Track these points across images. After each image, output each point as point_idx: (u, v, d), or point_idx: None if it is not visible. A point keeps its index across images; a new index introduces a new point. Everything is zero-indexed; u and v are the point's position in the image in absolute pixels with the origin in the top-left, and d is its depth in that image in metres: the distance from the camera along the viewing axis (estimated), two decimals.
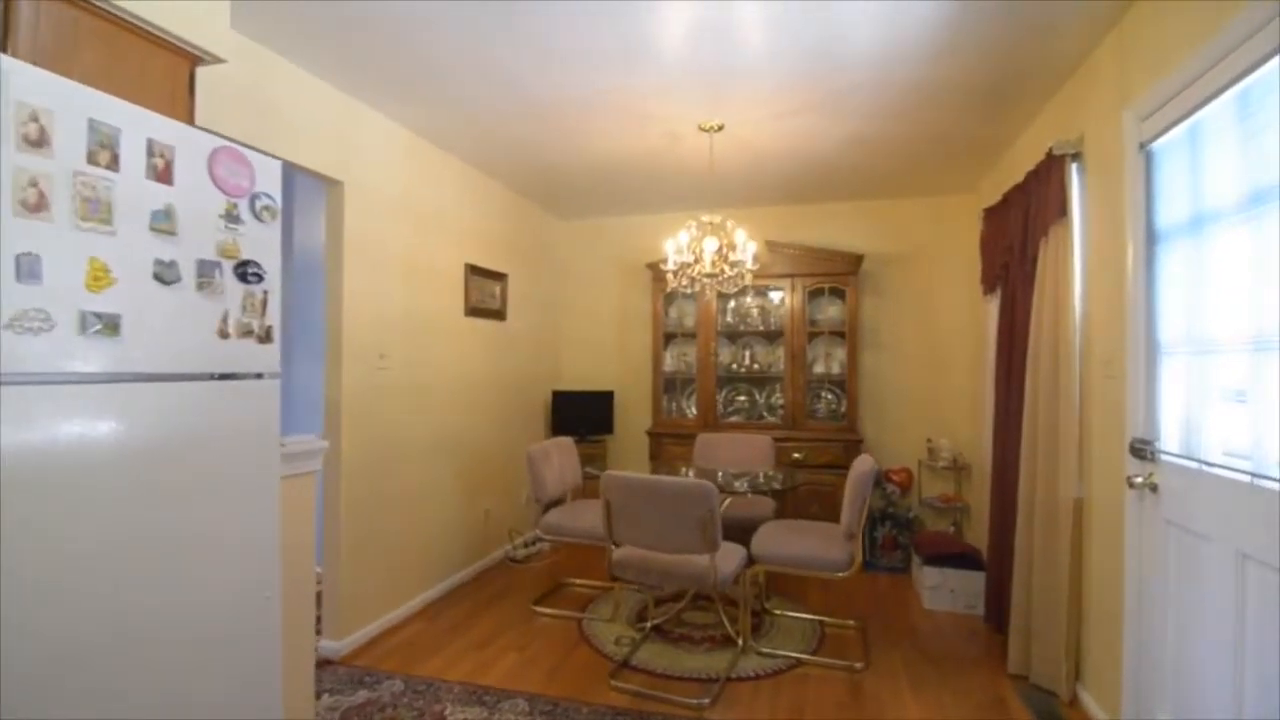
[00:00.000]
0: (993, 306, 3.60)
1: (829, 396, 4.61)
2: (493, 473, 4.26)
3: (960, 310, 4.57)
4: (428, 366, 3.59)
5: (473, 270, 3.97)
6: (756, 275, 3.67)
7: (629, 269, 5.23)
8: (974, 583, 3.50)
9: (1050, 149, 2.67)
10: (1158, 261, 2.06)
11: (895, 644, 3.10)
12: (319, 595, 3.22)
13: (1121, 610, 2.21)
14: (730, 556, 2.71)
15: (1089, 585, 2.52)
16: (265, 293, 1.53)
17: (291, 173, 3.79)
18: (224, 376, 1.47)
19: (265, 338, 1.54)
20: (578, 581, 3.90)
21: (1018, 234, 3.10)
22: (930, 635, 3.22)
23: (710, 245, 3.18)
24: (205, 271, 1.40)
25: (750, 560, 2.92)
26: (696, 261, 3.23)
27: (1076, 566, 2.57)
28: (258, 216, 1.51)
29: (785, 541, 2.95)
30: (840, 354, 4.55)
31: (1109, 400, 2.37)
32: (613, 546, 2.77)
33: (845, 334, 4.42)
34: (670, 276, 3.26)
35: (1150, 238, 2.09)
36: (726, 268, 3.17)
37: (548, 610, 3.45)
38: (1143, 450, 2.07)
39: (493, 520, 4.24)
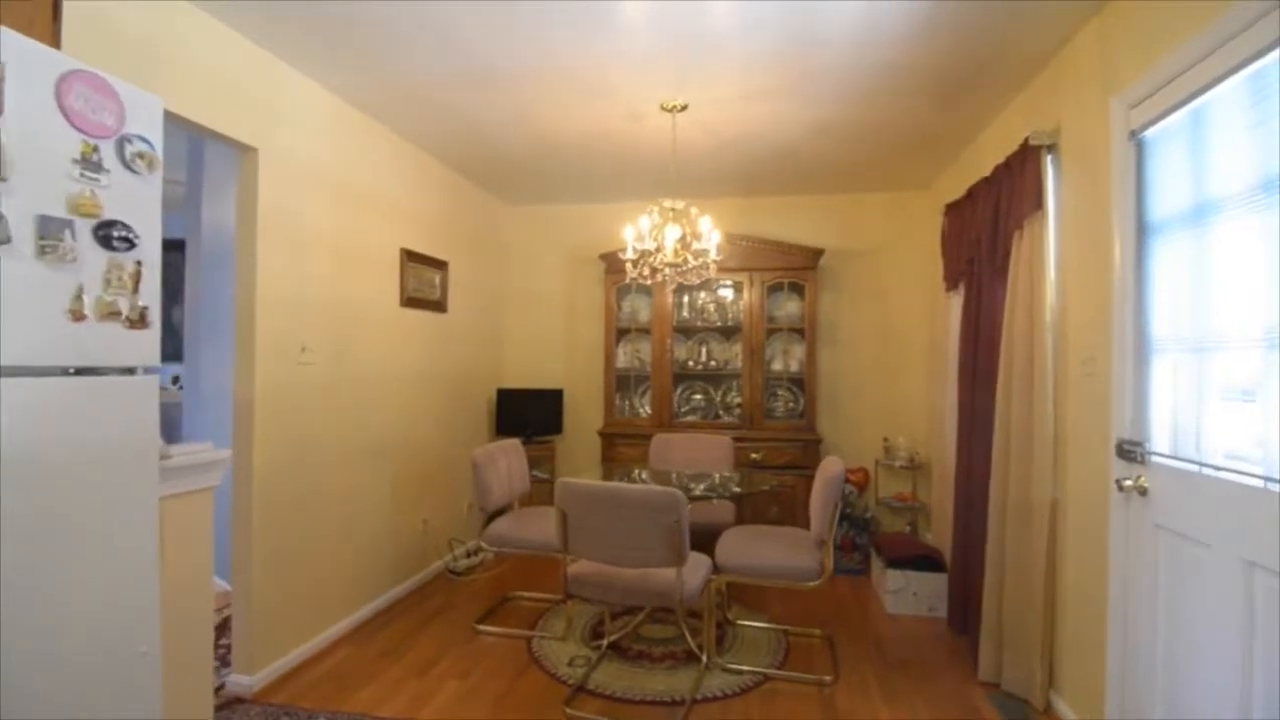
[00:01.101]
0: (955, 303, 3.53)
1: (787, 395, 4.48)
2: (432, 478, 3.92)
3: (916, 307, 4.53)
4: (359, 361, 3.22)
5: (410, 256, 3.62)
6: (699, 275, 3.47)
7: (580, 260, 4.96)
8: (936, 585, 3.42)
9: (1026, 139, 2.58)
10: (1149, 255, 1.97)
11: (863, 653, 2.97)
12: (227, 622, 2.83)
13: (1105, 618, 2.12)
14: (697, 569, 2.50)
15: (1063, 590, 2.44)
16: (139, 264, 1.20)
17: (204, 144, 3.35)
18: (80, 371, 1.13)
19: (139, 322, 1.21)
20: (525, 595, 3.61)
21: (985, 228, 3.03)
22: (897, 642, 3.11)
23: (673, 233, 2.97)
24: (50, 232, 1.06)
25: (714, 569, 2.72)
26: (658, 250, 3.00)
27: (1051, 571, 2.49)
28: (128, 165, 1.18)
29: (752, 550, 2.77)
30: (798, 351, 4.43)
31: (1088, 399, 2.29)
32: (568, 561, 2.51)
33: (805, 330, 4.30)
34: (629, 265, 3.02)
35: (1141, 230, 2.00)
36: (690, 257, 2.96)
37: (493, 629, 3.15)
38: (1132, 452, 1.97)
39: (431, 530, 3.89)
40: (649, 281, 3.15)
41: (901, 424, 4.50)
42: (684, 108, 3.02)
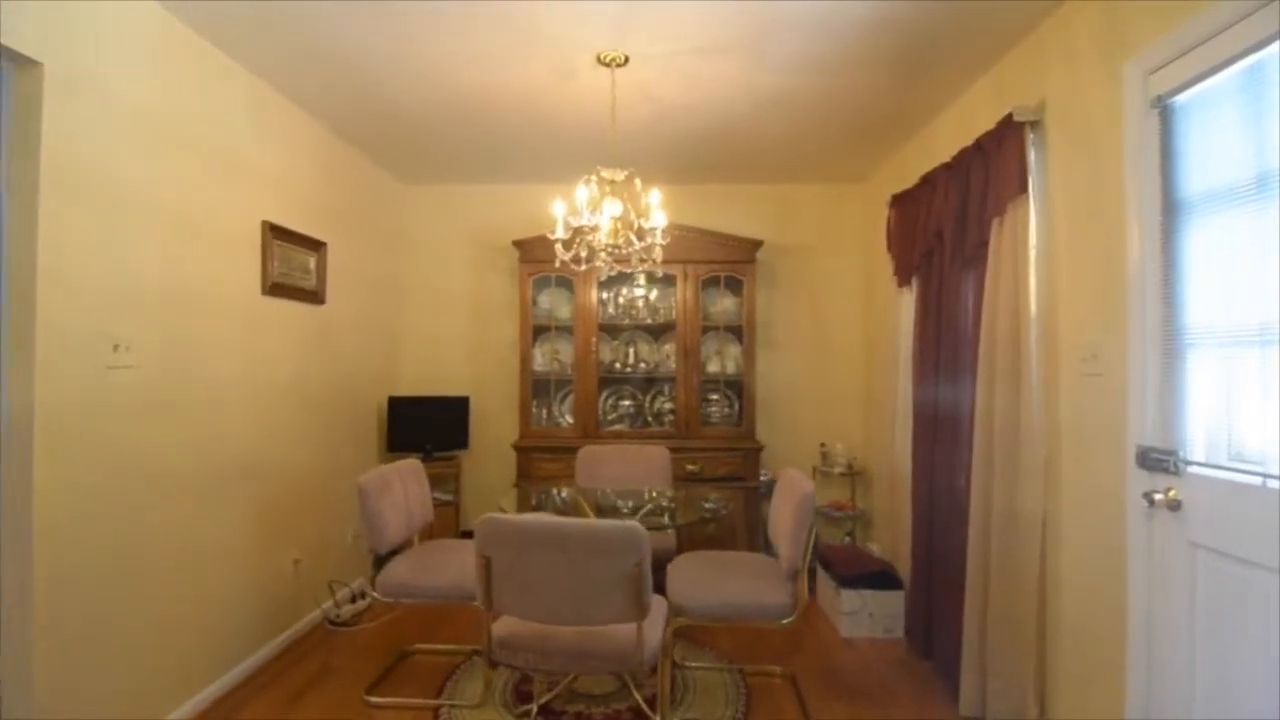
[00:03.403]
0: (907, 299, 3.30)
1: (722, 400, 4.12)
2: (306, 507, 3.18)
3: (850, 305, 4.33)
4: (204, 364, 2.47)
5: (275, 232, 2.88)
6: (644, 260, 2.99)
7: (490, 248, 4.35)
8: (893, 604, 3.16)
9: (1009, 115, 2.33)
10: (1179, 236, 1.73)
11: (830, 690, 2.62)
12: None
13: (1122, 648, 1.87)
14: (657, 618, 2.02)
15: (1058, 614, 2.20)
16: None
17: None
18: None
19: None
20: (428, 648, 2.97)
21: (951, 217, 2.79)
22: (861, 673, 2.79)
23: (612, 208, 2.48)
24: None
25: (669, 611, 2.26)
26: (594, 229, 2.51)
27: (1043, 592, 2.25)
28: None
29: (712, 584, 2.33)
30: (734, 351, 4.09)
31: (1091, 402, 2.05)
32: (492, 619, 1.95)
33: (742, 329, 3.95)
34: (560, 247, 2.50)
35: (1168, 208, 1.76)
36: (634, 238, 2.49)
37: (388, 700, 2.51)
38: (1163, 461, 1.72)
39: (305, 572, 3.15)
40: (581, 267, 2.65)
41: (838, 429, 4.27)
42: (625, 62, 2.55)
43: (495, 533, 1.83)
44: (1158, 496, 1.72)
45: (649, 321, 4.07)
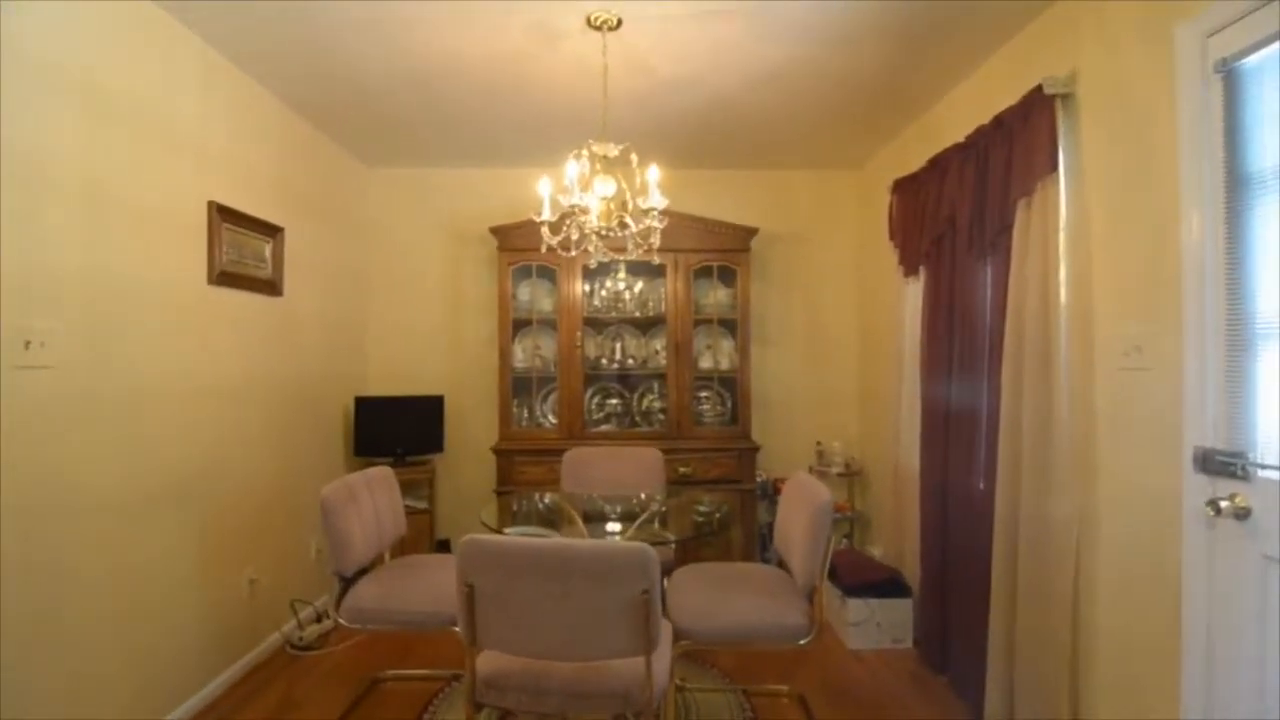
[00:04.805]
0: (914, 290, 3.12)
1: (714, 397, 3.91)
2: (263, 520, 2.88)
3: (846, 297, 4.16)
4: (137, 361, 2.16)
5: (225, 215, 2.57)
6: (639, 246, 2.72)
7: (466, 236, 4.05)
8: (902, 612, 2.98)
9: (1038, 87, 2.15)
10: (1247, 213, 1.56)
11: (843, 711, 2.43)
12: None
13: (1176, 665, 1.70)
14: (665, 648, 1.79)
15: (1091, 624, 2.03)
16: None
17: None
18: None
19: None
20: (402, 674, 2.70)
21: (966, 201, 2.60)
22: (875, 690, 2.61)
23: (604, 187, 2.24)
24: None
25: (675, 635, 2.03)
26: (583, 212, 2.26)
27: (1076, 602, 2.08)
28: None
29: (720, 604, 2.11)
30: (726, 346, 3.88)
31: (1135, 398, 1.88)
32: (476, 654, 1.70)
33: (736, 322, 3.74)
34: (546, 230, 2.25)
35: (1233, 183, 1.58)
36: (630, 220, 2.25)
37: None
38: (1229, 464, 1.55)
39: (263, 592, 2.85)
40: (570, 253, 2.40)
41: (833, 427, 4.10)
42: (617, 25, 2.30)
43: (479, 556, 1.58)
44: (1223, 503, 1.54)
45: (637, 315, 3.83)
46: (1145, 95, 1.83)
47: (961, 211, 2.64)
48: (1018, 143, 2.28)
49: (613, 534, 2.46)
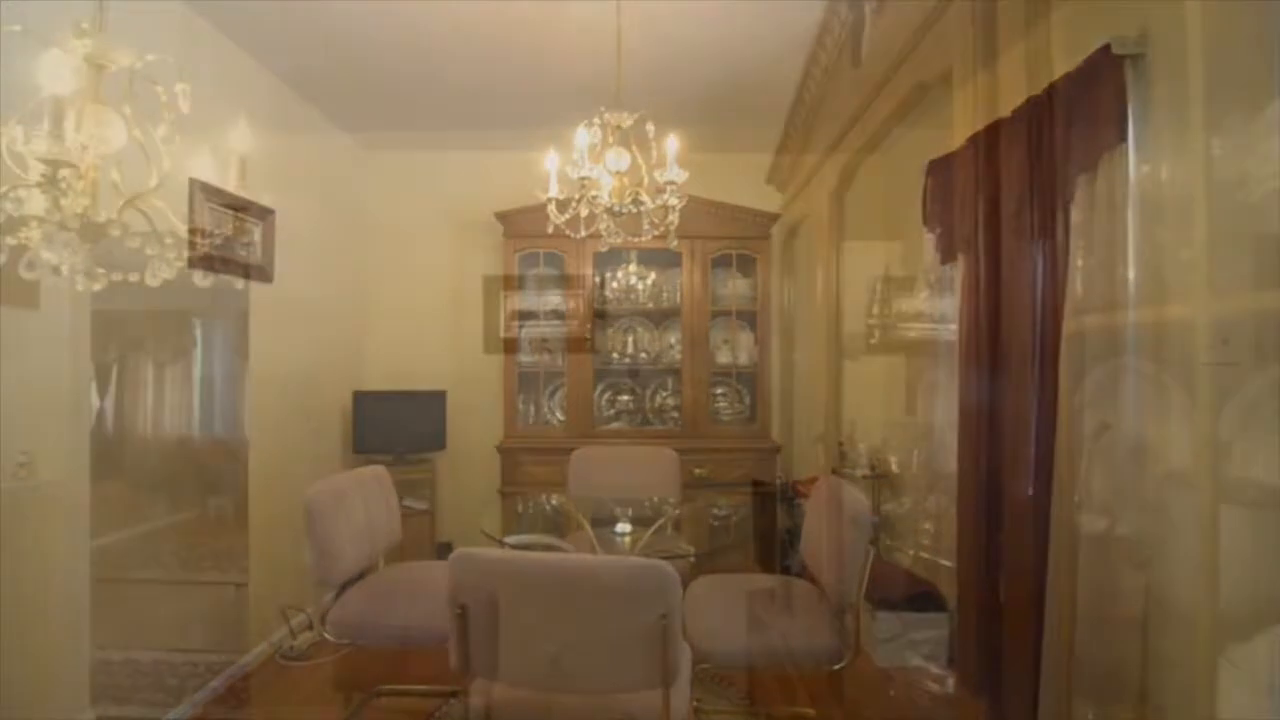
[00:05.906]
0: (949, 278, 2.88)
1: (731, 394, 3.69)
2: (251, 523, 2.69)
3: (862, 286, 3.92)
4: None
5: (206, 193, 2.38)
6: (656, 226, 2.48)
7: (470, 222, 3.85)
8: (935, 627, 2.75)
9: (1106, 47, 1.91)
10: None
11: None
12: None
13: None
14: (684, 679, 1.58)
15: (1154, 647, 1.80)
16: None
17: None
18: None
19: None
20: (400, 688, 2.51)
21: (1015, 179, 2.36)
22: (909, 714, 2.38)
23: (617, 160, 2.02)
24: None
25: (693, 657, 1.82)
26: (594, 187, 2.04)
27: (1145, 621, 1.85)
28: None
29: (742, 623, 1.90)
30: (744, 340, 3.66)
31: (1215, 395, 1.65)
32: (471, 682, 1.50)
33: (756, 314, 3.52)
34: (553, 209, 2.04)
35: None
36: (647, 198, 2.03)
37: None
38: None
39: (252, 599, 2.66)
40: (580, 234, 2.19)
41: (858, 425, 3.86)
42: None
43: (474, 573, 1.38)
44: None
45: (650, 306, 3.62)
46: (1244, 51, 1.59)
47: (1009, 192, 2.40)
48: (1076, 113, 2.04)
49: (622, 534, 2.23)
